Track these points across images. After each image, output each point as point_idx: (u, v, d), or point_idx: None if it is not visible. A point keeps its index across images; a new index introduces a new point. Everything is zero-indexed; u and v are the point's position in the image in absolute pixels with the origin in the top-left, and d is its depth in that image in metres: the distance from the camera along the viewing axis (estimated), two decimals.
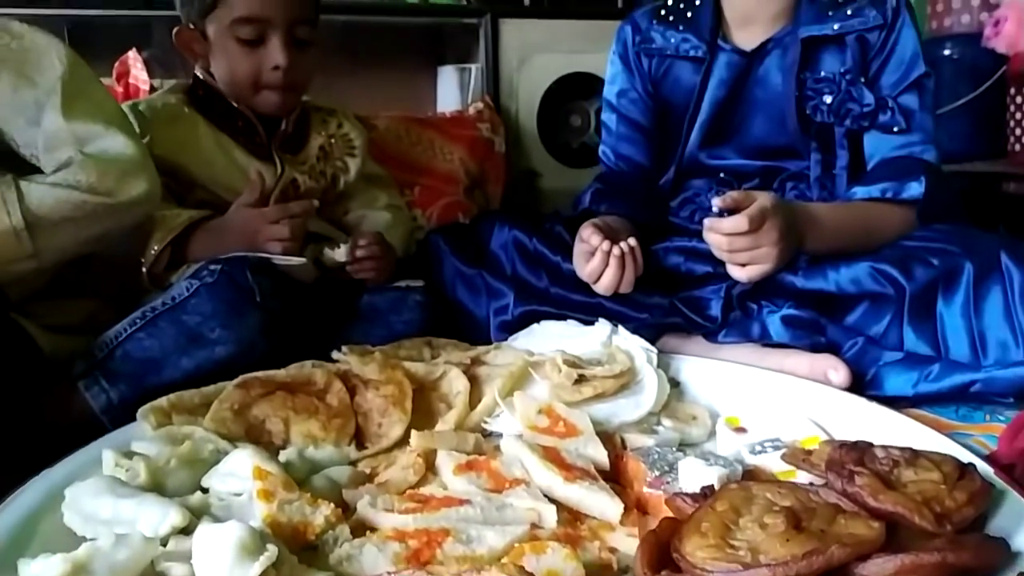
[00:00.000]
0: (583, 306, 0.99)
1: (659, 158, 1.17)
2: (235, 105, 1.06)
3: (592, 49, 1.64)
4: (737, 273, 0.88)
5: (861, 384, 0.82)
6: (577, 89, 1.66)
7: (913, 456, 0.56)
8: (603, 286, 0.92)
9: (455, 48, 1.69)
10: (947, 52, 1.81)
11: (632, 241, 0.92)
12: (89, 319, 0.92)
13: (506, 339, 0.99)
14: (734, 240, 0.85)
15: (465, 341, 0.99)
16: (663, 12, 1.12)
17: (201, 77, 1.09)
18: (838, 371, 0.81)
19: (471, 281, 1.04)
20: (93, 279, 0.96)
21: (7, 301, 0.82)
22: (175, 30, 1.06)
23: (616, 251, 0.90)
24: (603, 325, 0.91)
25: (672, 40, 1.10)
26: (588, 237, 0.92)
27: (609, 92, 1.18)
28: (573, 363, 0.82)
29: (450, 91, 1.69)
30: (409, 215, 1.28)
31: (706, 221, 0.87)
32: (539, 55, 1.62)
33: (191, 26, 1.05)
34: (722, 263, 0.92)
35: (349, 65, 1.58)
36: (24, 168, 0.85)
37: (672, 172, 1.13)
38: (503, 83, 1.60)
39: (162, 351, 0.80)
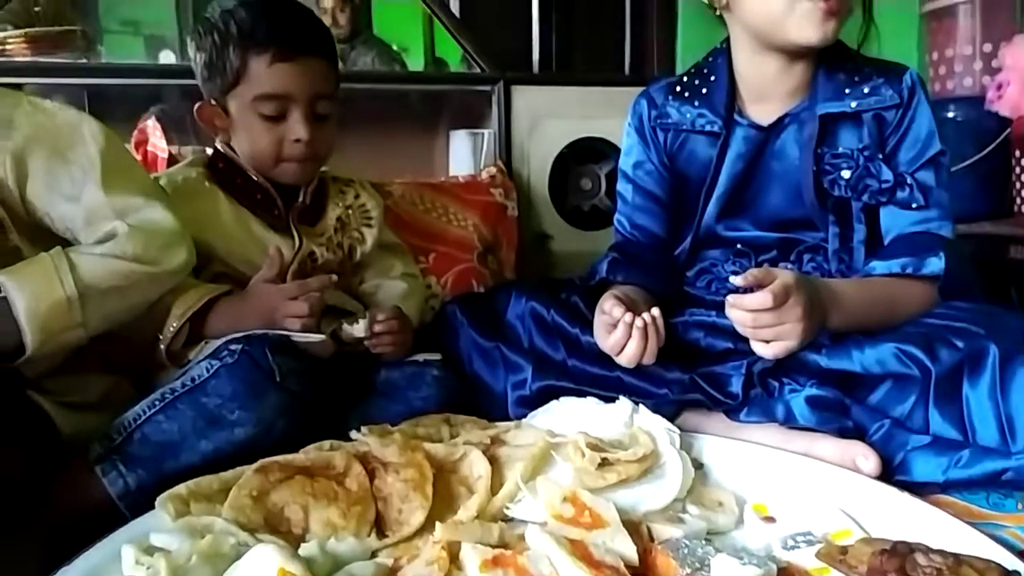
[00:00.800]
0: (602, 380, 0.99)
1: (674, 228, 1.17)
2: (254, 178, 1.07)
3: (601, 114, 1.67)
4: (762, 350, 0.88)
5: (889, 468, 0.81)
6: (587, 153, 1.68)
7: (956, 563, 0.54)
8: (626, 358, 0.92)
9: (466, 113, 1.71)
10: (951, 114, 1.83)
11: (655, 311, 0.92)
12: (105, 396, 0.92)
13: (524, 414, 0.98)
14: (758, 316, 0.85)
15: (482, 415, 0.98)
16: (678, 88, 1.13)
17: (221, 150, 1.10)
18: (868, 459, 0.80)
19: (488, 354, 1.04)
20: (108, 354, 0.96)
21: (23, 378, 0.81)
22: (197, 106, 1.08)
23: (639, 322, 0.90)
24: (624, 403, 0.90)
25: (688, 115, 1.11)
26: (610, 309, 0.92)
27: (625, 163, 1.19)
28: (596, 446, 0.81)
29: (462, 155, 1.70)
30: (424, 283, 1.28)
31: (729, 298, 0.87)
32: (550, 120, 1.64)
33: (213, 102, 1.07)
34: (743, 339, 0.91)
35: (361, 131, 1.60)
36: (56, 242, 0.86)
37: (688, 243, 1.14)
38: (515, 147, 1.62)
39: (181, 434, 0.79)
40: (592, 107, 1.67)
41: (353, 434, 0.86)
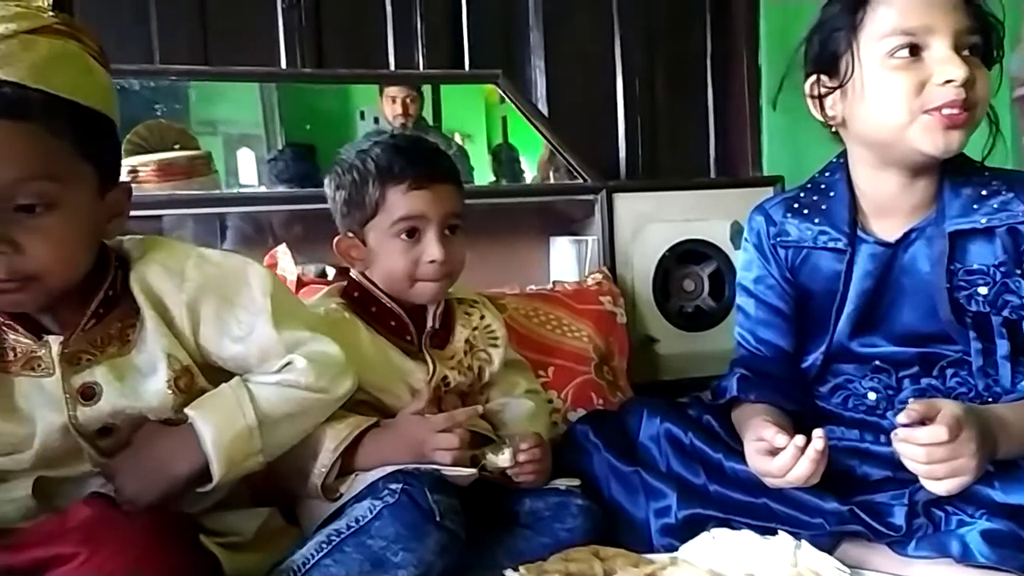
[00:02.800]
0: (749, 508, 0.97)
1: (798, 342, 1.16)
2: (388, 305, 1.11)
3: (702, 216, 1.70)
4: (935, 487, 0.84)
5: None
6: (689, 255, 1.70)
7: None
8: (792, 479, 0.90)
9: (566, 220, 1.75)
10: None
11: (821, 433, 0.90)
12: (259, 532, 0.93)
13: (669, 543, 0.97)
14: (932, 451, 0.82)
15: (621, 542, 0.97)
16: (796, 205, 1.13)
17: (356, 279, 1.15)
18: None
19: (627, 479, 1.03)
20: (257, 486, 0.99)
21: (195, 523, 0.83)
22: (335, 240, 1.13)
23: (812, 453, 0.88)
24: (785, 539, 0.88)
25: (809, 233, 1.11)
26: (772, 437, 0.91)
27: (744, 278, 1.19)
28: None
29: (564, 262, 1.74)
30: (546, 398, 1.29)
31: (900, 432, 0.85)
32: (652, 225, 1.67)
33: (350, 235, 1.12)
34: (903, 467, 0.88)
35: (467, 242, 1.66)
36: (225, 376, 0.91)
37: (819, 358, 1.12)
38: (618, 253, 1.64)
39: None
40: (692, 210, 1.69)
41: (509, 573, 0.86)
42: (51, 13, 0.86)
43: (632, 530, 1.00)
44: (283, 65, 1.98)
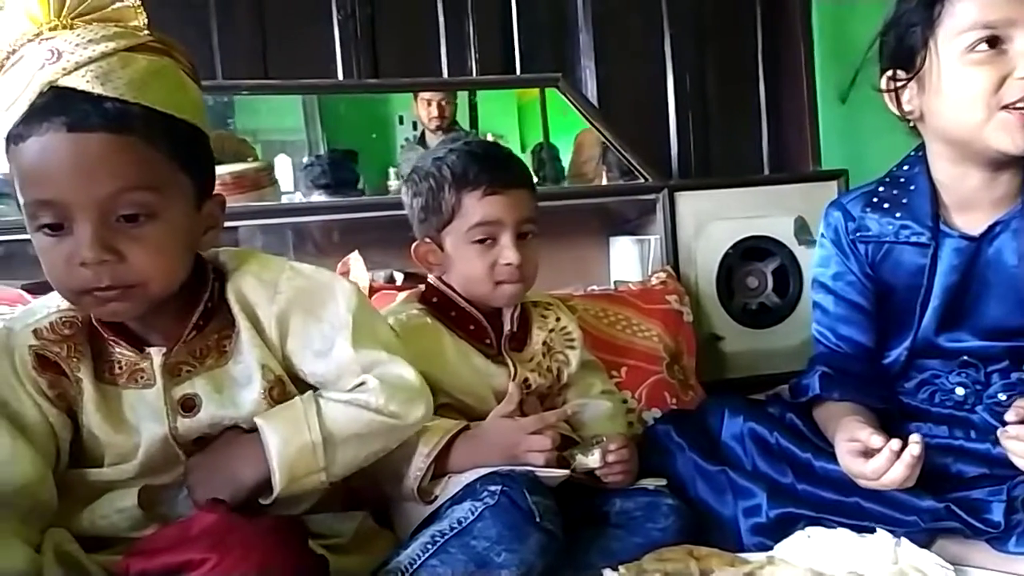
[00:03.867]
0: (838, 507, 0.97)
1: (879, 337, 1.15)
2: (467, 309, 1.13)
3: (764, 213, 1.69)
4: None
5: None
6: (752, 252, 1.69)
7: None
8: (887, 482, 0.89)
9: (626, 220, 1.75)
10: None
11: (918, 438, 0.89)
12: (356, 536, 0.95)
13: (760, 543, 0.97)
14: None
15: (709, 541, 0.97)
16: (875, 200, 1.13)
17: (434, 285, 1.17)
18: None
19: (714, 478, 1.03)
20: (352, 489, 1.01)
21: (306, 528, 0.85)
22: (414, 246, 1.16)
23: (908, 457, 0.87)
24: (884, 536, 0.88)
25: (890, 227, 1.10)
26: (867, 439, 0.91)
27: (822, 274, 1.18)
28: None
29: (624, 261, 1.74)
30: (621, 399, 1.30)
31: (1009, 428, 0.84)
32: (715, 223, 1.66)
33: (427, 240, 1.14)
34: (1000, 464, 0.88)
35: None
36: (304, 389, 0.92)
37: (903, 353, 1.11)
38: (681, 251, 1.64)
39: None
40: (755, 206, 1.68)
41: (608, 572, 0.87)
42: (147, 32, 0.89)
43: (720, 529, 1.00)
44: (340, 74, 2.02)
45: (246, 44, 1.94)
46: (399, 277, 1.56)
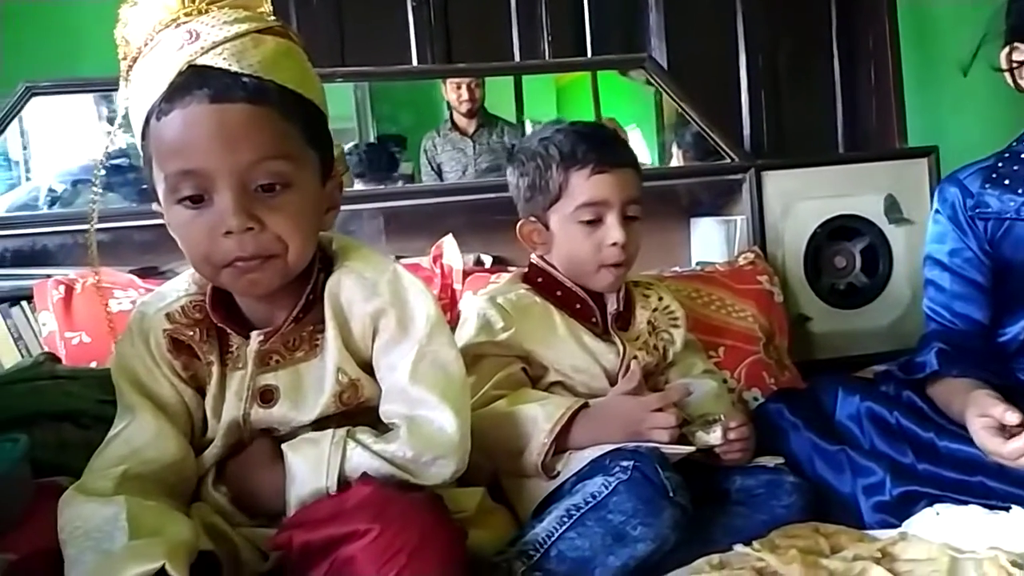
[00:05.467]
0: (961, 485, 0.95)
1: (996, 314, 1.12)
2: (572, 288, 1.13)
3: (851, 192, 1.66)
4: None
5: None
6: (840, 231, 1.66)
7: None
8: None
9: (708, 201, 1.74)
10: None
11: None
12: (478, 511, 0.96)
13: (883, 520, 0.96)
14: None
15: (831, 518, 0.97)
16: (994, 176, 1.10)
17: (537, 265, 1.17)
18: None
19: (833, 457, 1.03)
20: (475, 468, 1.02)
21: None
22: (519, 224, 1.16)
23: None
24: (1020, 513, 0.86)
25: (1012, 204, 1.08)
26: (1002, 415, 0.90)
27: (937, 251, 1.16)
28: (1019, 563, 0.77)
29: (707, 242, 1.73)
30: (721, 378, 1.29)
31: None
32: (802, 202, 1.64)
33: (532, 219, 1.15)
34: None
35: None
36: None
37: (1022, 331, 1.08)
38: (768, 231, 1.62)
39: (592, 550, 0.83)
40: (842, 185, 1.65)
41: (739, 548, 0.87)
42: (273, 17, 0.91)
43: (840, 507, 1.00)
44: (414, 60, 2.03)
45: (324, 33, 1.98)
46: (487, 260, 1.58)
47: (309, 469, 0.80)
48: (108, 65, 0.93)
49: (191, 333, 0.87)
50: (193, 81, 0.78)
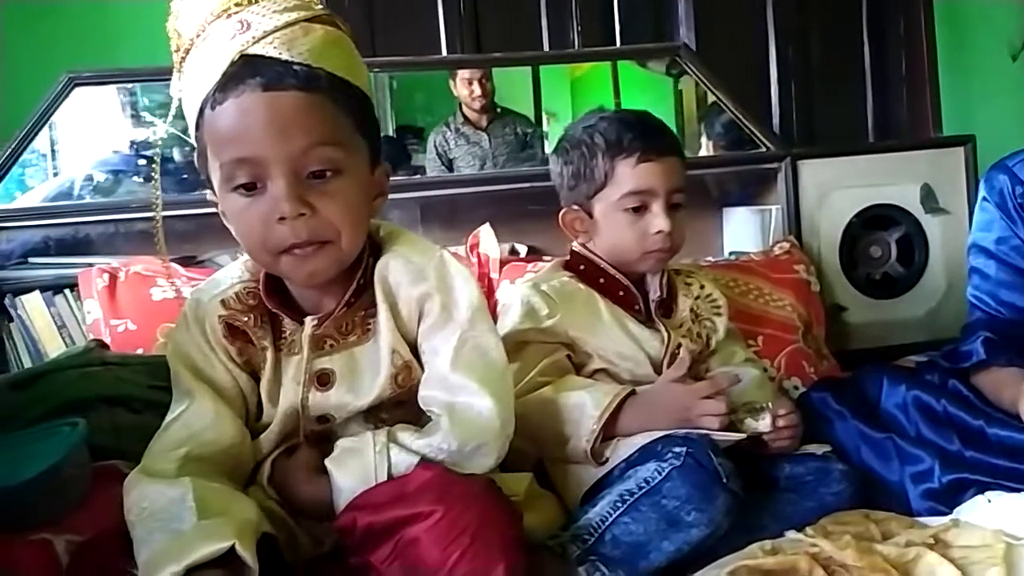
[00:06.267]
0: (1011, 473, 0.95)
1: None
2: (615, 276, 1.13)
3: (887, 181, 1.65)
4: None
5: None
6: (876, 221, 1.65)
7: None
8: None
9: (741, 191, 1.73)
10: None
11: None
12: (527, 496, 0.96)
13: (931, 507, 0.96)
14: None
15: (879, 506, 0.97)
16: None
17: (579, 252, 1.17)
18: None
19: (880, 445, 1.03)
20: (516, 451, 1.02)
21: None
22: (561, 213, 1.16)
23: None
24: None
25: None
26: None
27: (983, 239, 1.15)
28: None
29: (741, 232, 1.72)
30: (762, 366, 1.29)
31: None
32: (837, 191, 1.63)
33: (576, 207, 1.15)
34: None
35: None
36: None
37: None
38: (804, 221, 1.61)
39: (647, 535, 0.84)
40: (878, 174, 1.65)
41: (790, 534, 0.87)
42: (321, 6, 0.91)
43: (888, 495, 1.00)
44: (444, 50, 2.03)
45: (354, 24, 1.97)
46: (522, 249, 1.58)
47: (357, 480, 0.79)
48: (144, 57, 0.94)
49: (246, 319, 0.88)
50: (245, 70, 0.79)
